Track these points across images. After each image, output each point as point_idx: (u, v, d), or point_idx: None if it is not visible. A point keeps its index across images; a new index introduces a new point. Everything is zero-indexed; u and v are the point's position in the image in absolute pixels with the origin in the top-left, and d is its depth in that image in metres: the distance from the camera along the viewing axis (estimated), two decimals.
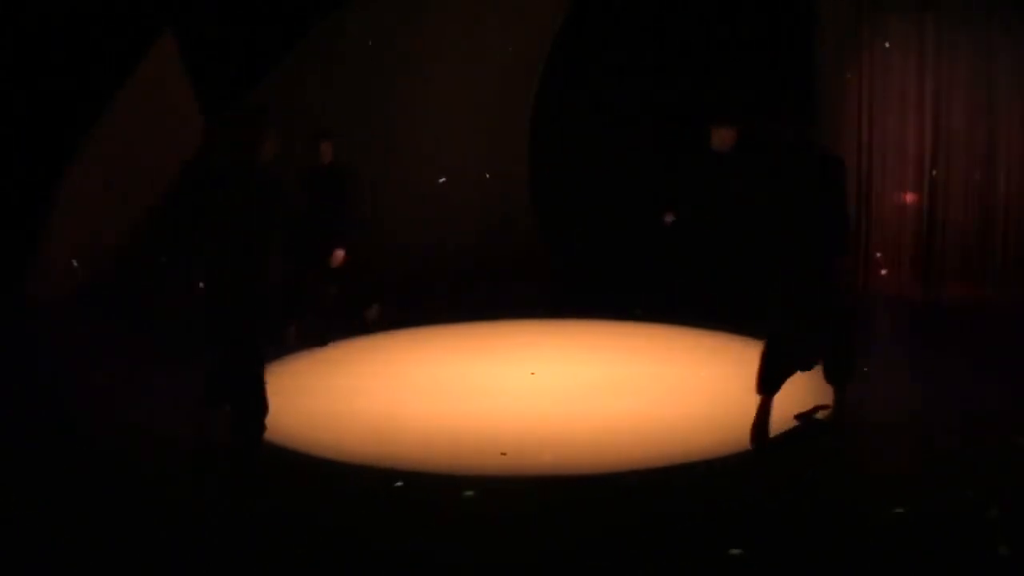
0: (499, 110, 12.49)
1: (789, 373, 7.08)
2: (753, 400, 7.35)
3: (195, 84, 11.52)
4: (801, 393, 8.11)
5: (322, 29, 11.90)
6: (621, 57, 12.74)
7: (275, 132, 6.62)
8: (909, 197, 10.51)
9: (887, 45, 11.11)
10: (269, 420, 6.95)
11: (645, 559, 5.48)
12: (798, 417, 7.47)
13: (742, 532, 5.73)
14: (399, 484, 6.49)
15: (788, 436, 7.21)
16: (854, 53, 11.39)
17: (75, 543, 5.72)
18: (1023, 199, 10.77)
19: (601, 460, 6.86)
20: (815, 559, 5.45)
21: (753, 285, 7.46)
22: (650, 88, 12.36)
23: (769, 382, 7.02)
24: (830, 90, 11.82)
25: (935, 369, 8.86)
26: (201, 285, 6.66)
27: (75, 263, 11.14)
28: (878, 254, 10.97)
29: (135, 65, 11.25)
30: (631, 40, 12.80)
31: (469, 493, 6.19)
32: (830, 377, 7.28)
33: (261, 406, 6.78)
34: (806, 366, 7.17)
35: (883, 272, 11.04)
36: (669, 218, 10.06)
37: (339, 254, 9.61)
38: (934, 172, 10.78)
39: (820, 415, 7.52)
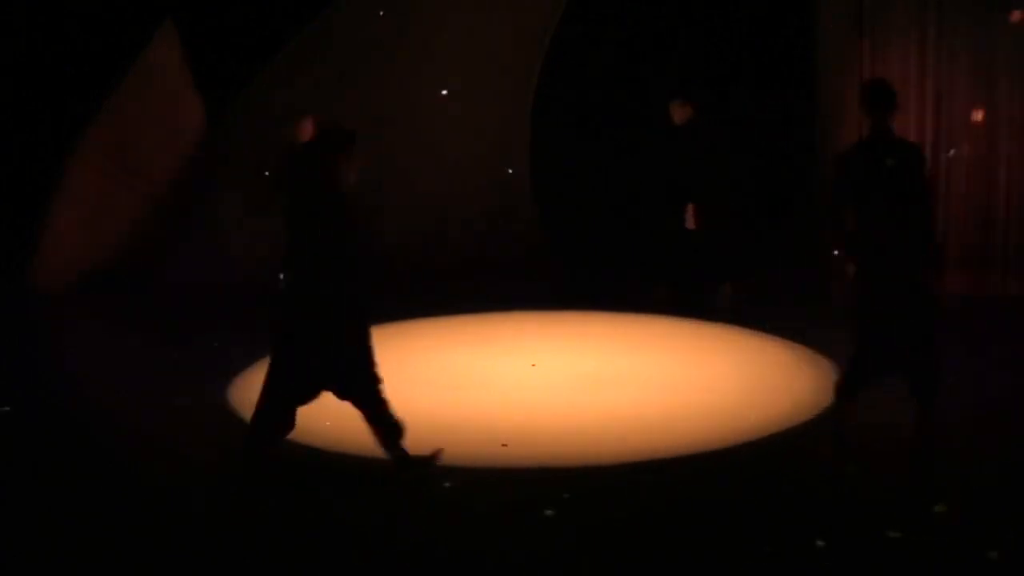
0: (500, 103, 12.49)
1: (867, 381, 6.64)
2: (752, 392, 7.42)
3: (196, 74, 11.53)
4: (799, 388, 8.14)
5: (320, 23, 11.90)
6: (621, 51, 12.75)
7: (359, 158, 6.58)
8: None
9: (887, 40, 11.13)
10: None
11: (645, 551, 5.52)
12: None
13: (740, 526, 5.77)
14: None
15: (789, 433, 7.25)
16: (854, 48, 11.40)
17: (72, 539, 5.76)
18: None
19: (602, 452, 6.89)
20: (812, 555, 5.49)
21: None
22: (649, 83, 12.38)
23: (846, 388, 6.66)
24: (830, 85, 11.83)
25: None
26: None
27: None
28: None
29: (137, 55, 11.26)
30: (631, 35, 12.81)
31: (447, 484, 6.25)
32: (913, 390, 6.64)
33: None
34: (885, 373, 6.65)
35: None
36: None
37: None
38: (952, 152, 10.83)
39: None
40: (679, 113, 10.74)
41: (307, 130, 7.01)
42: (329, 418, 7.21)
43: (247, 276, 11.25)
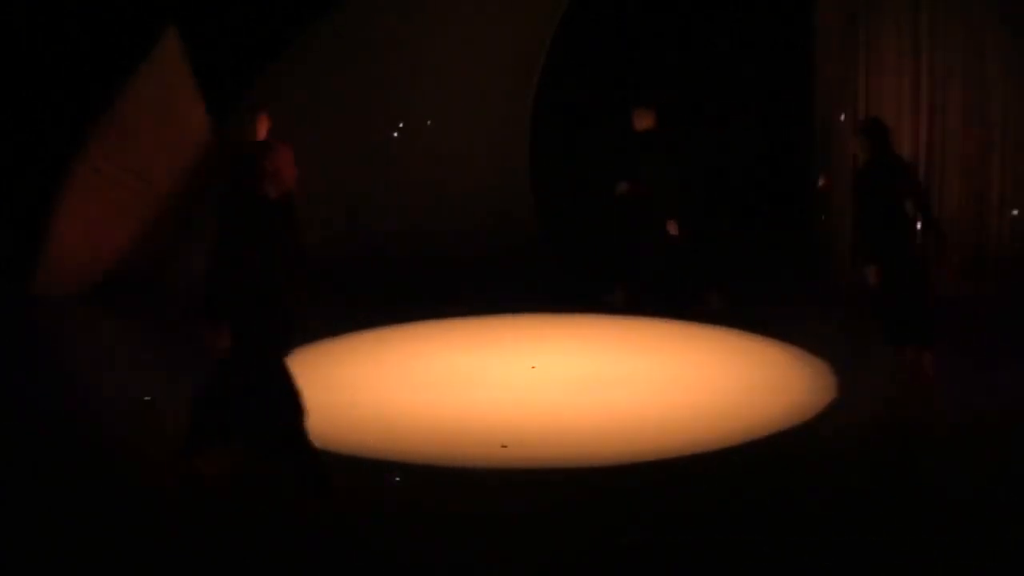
0: (500, 102, 12.51)
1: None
2: (749, 393, 7.40)
3: (199, 77, 11.52)
4: (795, 389, 8.17)
5: (322, 24, 11.92)
6: (621, 52, 12.79)
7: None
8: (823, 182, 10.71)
9: (882, 46, 11.19)
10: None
11: (645, 551, 5.53)
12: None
13: (742, 524, 5.78)
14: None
15: (791, 433, 7.26)
16: (850, 53, 11.45)
17: (72, 539, 5.77)
18: (1018, 193, 10.87)
19: (601, 453, 6.90)
20: (812, 553, 5.50)
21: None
22: (649, 83, 12.40)
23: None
24: (826, 91, 11.87)
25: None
26: None
27: None
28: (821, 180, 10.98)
29: (140, 58, 11.27)
30: (631, 34, 12.84)
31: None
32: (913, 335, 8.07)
33: None
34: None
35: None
36: None
37: None
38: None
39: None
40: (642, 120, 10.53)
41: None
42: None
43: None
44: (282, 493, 6.18)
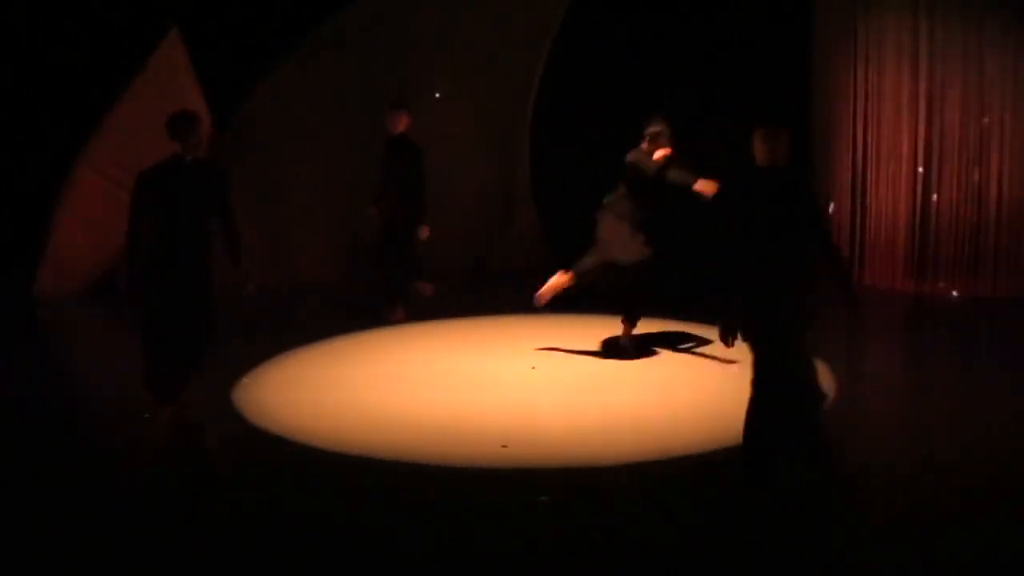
0: (501, 107, 12.51)
1: None
2: (747, 394, 7.42)
3: (202, 80, 11.53)
4: None
5: (325, 29, 11.92)
6: (620, 53, 12.78)
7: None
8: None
9: (881, 44, 11.21)
10: (274, 411, 6.99)
11: (645, 551, 5.53)
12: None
13: (739, 526, 5.78)
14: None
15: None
16: (849, 52, 11.46)
17: (71, 539, 5.77)
18: (1015, 196, 10.89)
19: (602, 453, 6.91)
20: (812, 553, 5.50)
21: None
22: (648, 85, 12.40)
23: None
24: (825, 89, 11.88)
25: (928, 365, 8.95)
26: None
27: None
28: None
29: (142, 61, 11.28)
30: (630, 35, 12.83)
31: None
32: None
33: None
34: None
35: None
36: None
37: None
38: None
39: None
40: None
41: None
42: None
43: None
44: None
